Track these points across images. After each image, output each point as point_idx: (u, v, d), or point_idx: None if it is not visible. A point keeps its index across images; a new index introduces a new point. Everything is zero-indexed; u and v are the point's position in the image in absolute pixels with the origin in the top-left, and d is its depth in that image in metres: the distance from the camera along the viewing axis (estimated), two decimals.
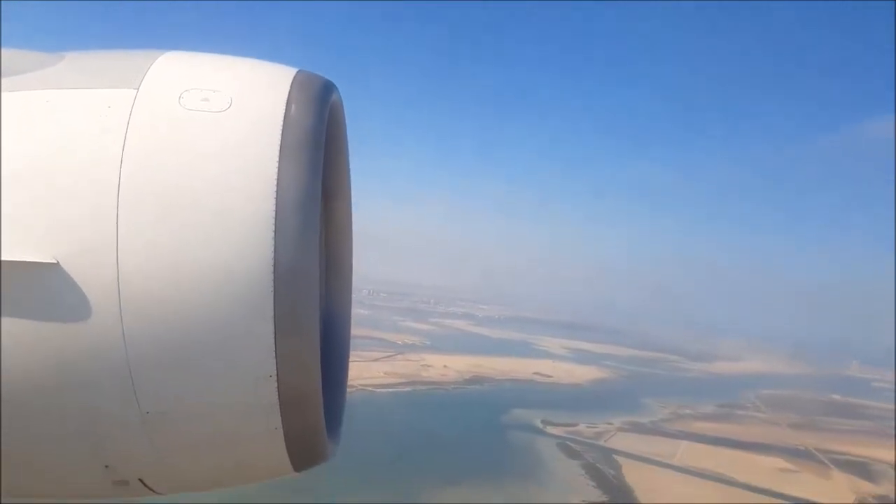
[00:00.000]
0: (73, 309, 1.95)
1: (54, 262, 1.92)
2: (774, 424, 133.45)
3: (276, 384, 2.06)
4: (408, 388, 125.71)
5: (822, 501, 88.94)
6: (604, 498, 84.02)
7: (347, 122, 2.64)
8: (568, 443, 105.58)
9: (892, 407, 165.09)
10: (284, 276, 1.99)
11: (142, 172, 1.99)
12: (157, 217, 1.97)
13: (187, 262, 1.97)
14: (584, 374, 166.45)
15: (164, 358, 2.00)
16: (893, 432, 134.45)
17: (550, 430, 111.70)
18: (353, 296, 3.10)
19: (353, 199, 2.96)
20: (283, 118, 2.11)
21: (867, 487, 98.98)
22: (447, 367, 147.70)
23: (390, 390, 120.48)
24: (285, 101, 2.16)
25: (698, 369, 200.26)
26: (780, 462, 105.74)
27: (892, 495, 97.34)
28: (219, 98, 2.12)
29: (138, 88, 2.11)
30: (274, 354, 2.03)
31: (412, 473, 79.17)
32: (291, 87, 2.21)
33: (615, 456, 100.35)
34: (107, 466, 2.18)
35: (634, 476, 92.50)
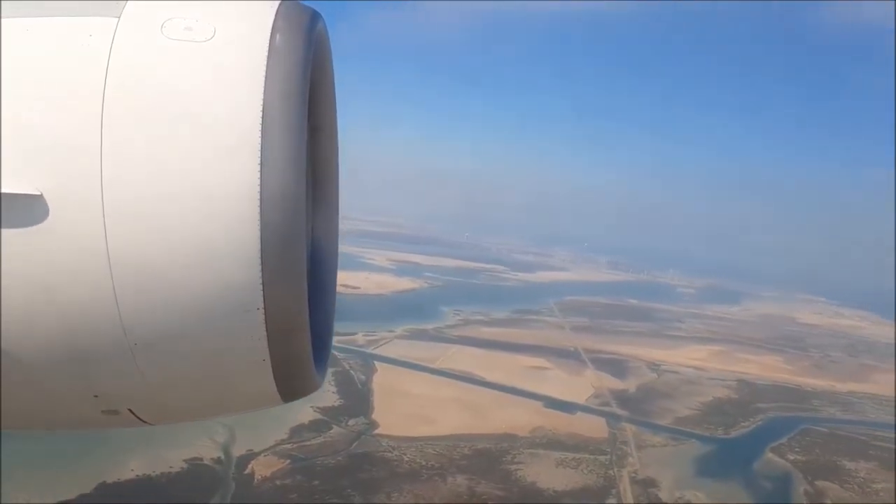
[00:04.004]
0: (59, 242, 1.94)
1: (38, 193, 1.90)
2: (558, 328, 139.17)
3: (263, 316, 2.08)
4: None
5: (555, 395, 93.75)
6: (337, 401, 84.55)
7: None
8: (333, 351, 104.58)
9: (683, 309, 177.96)
10: (271, 208, 1.98)
11: (125, 102, 1.97)
12: (142, 148, 1.96)
13: (172, 193, 1.95)
14: (396, 285, 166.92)
15: (151, 290, 2.00)
16: (671, 333, 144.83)
17: None
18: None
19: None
20: (267, 48, 2.08)
21: (610, 383, 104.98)
22: None
23: None
24: (270, 30, 2.11)
25: (517, 279, 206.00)
26: (539, 362, 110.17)
27: (633, 389, 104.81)
28: (202, 27, 2.07)
29: (119, 17, 2.05)
30: (261, 287, 2.04)
31: None
32: (276, 16, 2.15)
33: (376, 362, 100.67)
34: (96, 396, 2.20)
35: (383, 380, 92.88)
